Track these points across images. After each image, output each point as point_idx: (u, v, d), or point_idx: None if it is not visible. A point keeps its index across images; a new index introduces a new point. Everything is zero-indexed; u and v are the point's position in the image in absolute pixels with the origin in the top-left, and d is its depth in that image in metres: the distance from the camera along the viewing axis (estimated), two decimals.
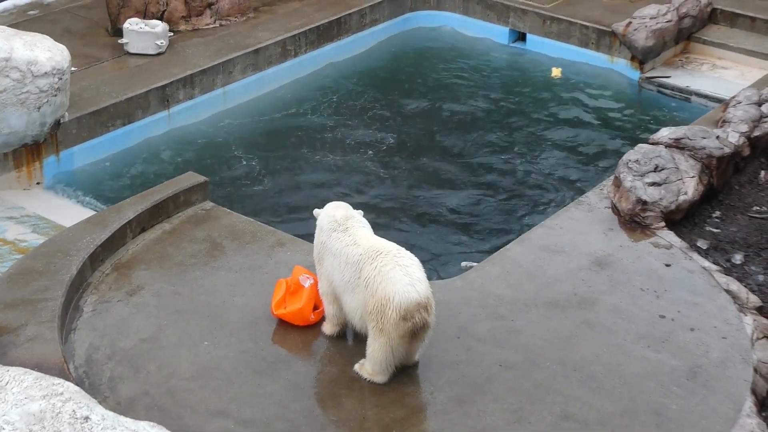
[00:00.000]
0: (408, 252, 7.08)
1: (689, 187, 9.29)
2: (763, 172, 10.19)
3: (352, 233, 7.24)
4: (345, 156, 11.60)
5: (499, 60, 14.10)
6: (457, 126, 12.39)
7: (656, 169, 9.30)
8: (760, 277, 8.65)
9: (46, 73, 10.15)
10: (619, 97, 13.18)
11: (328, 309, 7.52)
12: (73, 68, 10.98)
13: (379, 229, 7.66)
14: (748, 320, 7.91)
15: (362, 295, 6.99)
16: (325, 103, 12.73)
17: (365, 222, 7.42)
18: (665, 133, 9.86)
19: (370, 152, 11.68)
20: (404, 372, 7.22)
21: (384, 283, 6.84)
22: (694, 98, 12.86)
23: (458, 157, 11.71)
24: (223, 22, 13.33)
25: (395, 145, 11.87)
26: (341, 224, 7.31)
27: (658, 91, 13.14)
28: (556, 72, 13.56)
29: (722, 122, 10.49)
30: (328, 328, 7.62)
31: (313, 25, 13.41)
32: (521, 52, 14.24)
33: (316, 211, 7.61)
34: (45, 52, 10.24)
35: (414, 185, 11.11)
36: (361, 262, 7.03)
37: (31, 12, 13.47)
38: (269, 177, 11.15)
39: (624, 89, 13.34)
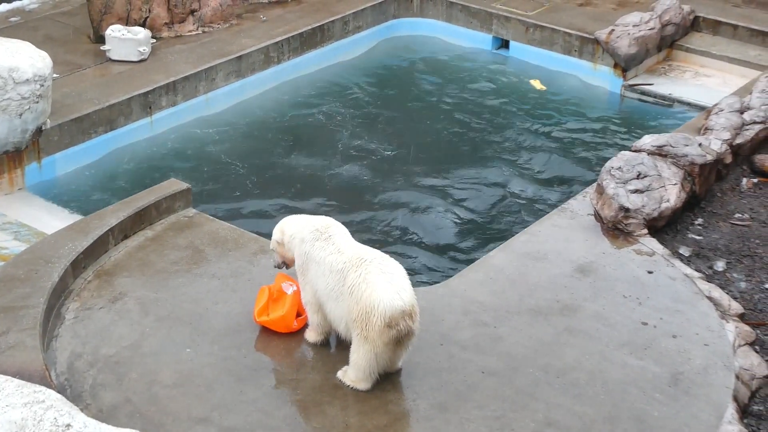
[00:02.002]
0: (392, 259, 7.08)
1: (672, 195, 9.31)
2: (745, 180, 10.23)
3: (335, 241, 7.23)
4: (328, 163, 11.58)
5: (482, 68, 14.11)
6: (440, 133, 12.39)
7: (639, 177, 9.32)
8: (742, 284, 8.68)
9: (27, 79, 10.11)
10: (601, 105, 13.21)
11: (313, 318, 7.50)
12: (54, 75, 10.94)
13: (360, 236, 7.65)
14: (730, 327, 7.93)
15: (347, 303, 6.97)
16: (307, 111, 12.71)
17: (346, 230, 7.42)
18: (648, 141, 9.89)
19: (353, 159, 11.66)
20: (387, 379, 7.21)
21: (369, 291, 6.83)
22: (676, 105, 12.90)
23: (441, 164, 11.70)
24: (206, 29, 13.31)
25: (378, 153, 11.85)
26: (323, 233, 7.30)
27: (641, 99, 13.17)
28: (538, 85, 13.55)
29: (704, 130, 10.52)
30: (311, 336, 7.60)
31: (296, 32, 13.41)
32: (504, 59, 14.27)
33: (276, 233, 7.60)
34: (26, 59, 10.20)
35: (396, 193, 11.09)
36: (346, 270, 7.02)
37: (12, 18, 13.42)
38: (252, 184, 11.12)
39: (607, 97, 13.37)
